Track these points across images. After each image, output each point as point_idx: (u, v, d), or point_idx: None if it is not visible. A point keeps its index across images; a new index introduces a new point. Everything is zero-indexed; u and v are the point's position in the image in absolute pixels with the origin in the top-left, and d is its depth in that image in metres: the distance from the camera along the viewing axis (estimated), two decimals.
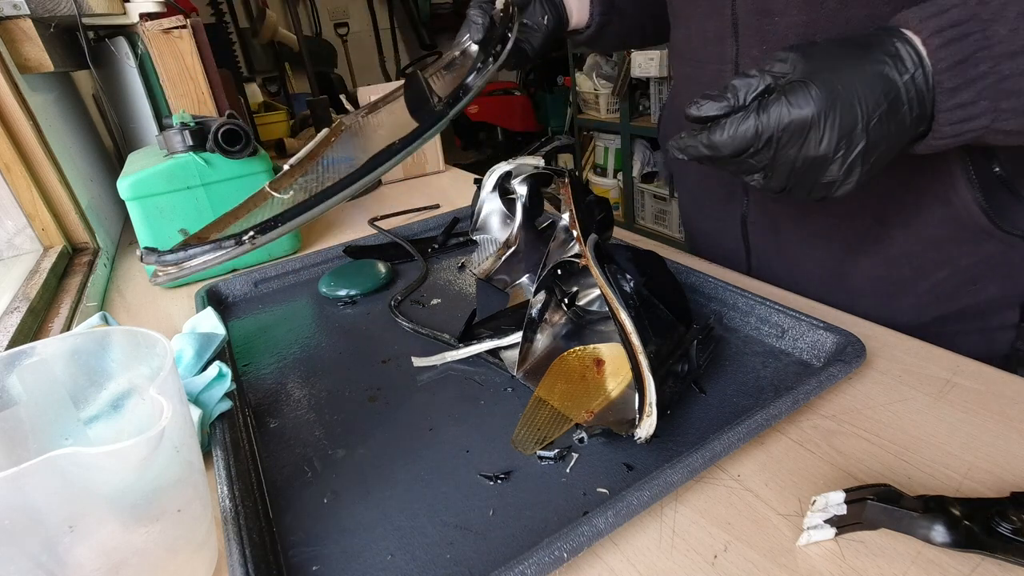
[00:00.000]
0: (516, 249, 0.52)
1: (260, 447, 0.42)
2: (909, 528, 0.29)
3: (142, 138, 0.98)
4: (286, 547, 0.33)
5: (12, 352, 0.30)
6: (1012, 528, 0.27)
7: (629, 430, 0.36)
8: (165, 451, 0.26)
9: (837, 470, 0.34)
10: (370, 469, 0.38)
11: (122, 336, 0.32)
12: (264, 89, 2.79)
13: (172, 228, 0.68)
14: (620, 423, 0.38)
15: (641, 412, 0.36)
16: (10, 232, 0.75)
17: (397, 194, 1.01)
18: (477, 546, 0.32)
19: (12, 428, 0.31)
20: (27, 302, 0.60)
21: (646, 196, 2.80)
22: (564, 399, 0.41)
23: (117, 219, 1.01)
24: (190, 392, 0.41)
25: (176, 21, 0.88)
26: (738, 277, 0.56)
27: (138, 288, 0.74)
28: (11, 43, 0.75)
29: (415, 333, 0.54)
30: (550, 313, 0.48)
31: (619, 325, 0.38)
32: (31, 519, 0.23)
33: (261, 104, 1.82)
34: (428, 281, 0.65)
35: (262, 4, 2.86)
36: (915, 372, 0.41)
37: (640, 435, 0.36)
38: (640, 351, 0.36)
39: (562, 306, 0.49)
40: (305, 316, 0.61)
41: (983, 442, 0.35)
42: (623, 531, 0.32)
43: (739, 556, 0.30)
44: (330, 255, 0.70)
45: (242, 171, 0.70)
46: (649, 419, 0.35)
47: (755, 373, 0.43)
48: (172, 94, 0.92)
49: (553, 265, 0.45)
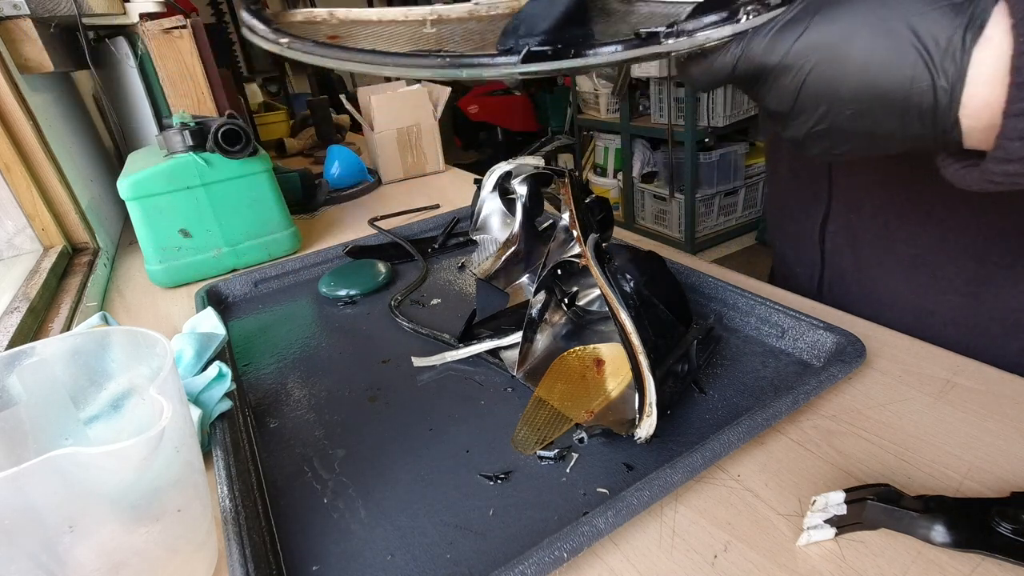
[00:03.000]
0: (516, 249, 0.52)
1: (260, 447, 0.42)
2: (909, 528, 0.29)
3: (142, 138, 0.98)
4: (286, 547, 0.33)
5: (12, 352, 0.30)
6: (1012, 528, 0.27)
7: (629, 430, 0.36)
8: (165, 451, 0.26)
9: (837, 470, 0.34)
10: (370, 469, 0.38)
11: (122, 336, 0.32)
12: (264, 89, 2.80)
13: (172, 228, 0.68)
14: (620, 423, 0.38)
15: (641, 412, 0.36)
16: (10, 232, 0.75)
17: (397, 194, 1.01)
18: (477, 546, 0.32)
19: (12, 428, 0.31)
20: (27, 302, 0.60)
21: (646, 196, 2.80)
22: (564, 399, 0.41)
23: (117, 219, 1.01)
24: (190, 392, 0.41)
25: (176, 21, 0.88)
26: (740, 278, 0.56)
27: (138, 288, 0.74)
28: (11, 43, 0.75)
29: (415, 333, 0.54)
30: (550, 313, 0.48)
31: (619, 325, 0.38)
32: (31, 519, 0.23)
33: (261, 104, 1.83)
34: (428, 281, 0.65)
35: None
36: (915, 372, 0.41)
37: (640, 435, 0.36)
38: (640, 351, 0.36)
39: (562, 306, 0.49)
40: (305, 316, 0.61)
41: (983, 442, 0.35)
42: (623, 531, 0.32)
43: (739, 556, 0.30)
44: (330, 255, 0.70)
45: (242, 171, 0.70)
46: (649, 419, 0.35)
47: (755, 373, 0.43)
48: (172, 94, 0.92)
49: (553, 265, 0.45)
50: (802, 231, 0.59)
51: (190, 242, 0.70)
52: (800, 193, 0.59)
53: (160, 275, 0.70)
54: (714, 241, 2.73)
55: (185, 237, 0.69)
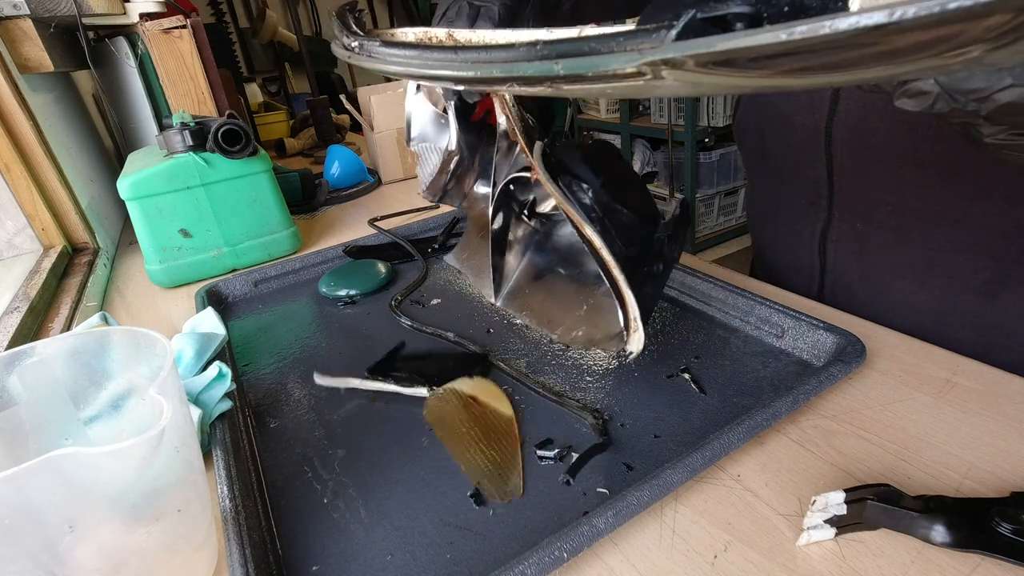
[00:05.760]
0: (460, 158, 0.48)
1: (260, 447, 0.42)
2: (909, 528, 0.29)
3: (142, 138, 0.98)
4: (286, 547, 0.33)
5: (12, 352, 0.30)
6: (1012, 528, 0.27)
7: (619, 346, 0.35)
8: (165, 451, 0.26)
9: (837, 470, 0.34)
10: (370, 469, 0.38)
11: (122, 336, 0.32)
12: (264, 89, 2.80)
13: (172, 228, 0.68)
14: (608, 339, 0.37)
15: (627, 328, 0.34)
16: (10, 232, 0.75)
17: (397, 194, 1.01)
18: (477, 546, 0.32)
19: (12, 428, 0.31)
20: (27, 302, 0.60)
21: None
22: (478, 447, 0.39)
23: (117, 219, 1.01)
24: (190, 392, 0.41)
25: (176, 21, 0.88)
26: (740, 278, 0.56)
27: (138, 288, 0.74)
28: (11, 43, 0.75)
29: (416, 332, 0.54)
30: (512, 230, 0.45)
31: (587, 242, 0.35)
32: (31, 519, 0.23)
33: (261, 104, 1.83)
34: (428, 281, 0.65)
35: (262, 4, 2.86)
36: (915, 372, 0.41)
37: (631, 350, 0.35)
38: (614, 266, 0.34)
39: (523, 219, 0.46)
40: (305, 316, 0.61)
41: (983, 442, 0.35)
42: (623, 531, 0.32)
43: (739, 556, 0.30)
44: (330, 255, 0.70)
45: (242, 171, 0.70)
46: (636, 333, 0.34)
47: (755, 373, 0.43)
48: (172, 94, 0.92)
49: (504, 182, 0.42)
50: (797, 239, 0.59)
51: (190, 242, 0.70)
52: (793, 204, 0.59)
53: (160, 275, 0.70)
54: (714, 241, 2.73)
55: (185, 237, 0.69)
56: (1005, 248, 0.45)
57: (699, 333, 0.49)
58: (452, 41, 0.33)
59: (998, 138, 0.23)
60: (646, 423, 0.39)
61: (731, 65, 0.14)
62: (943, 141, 0.44)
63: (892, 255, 0.51)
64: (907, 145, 0.46)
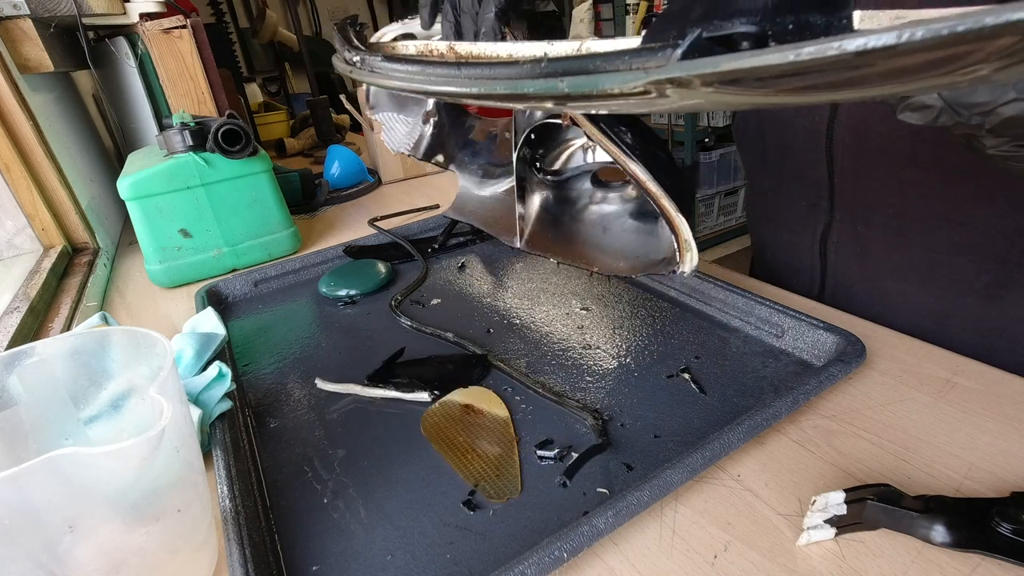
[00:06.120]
0: (440, 120, 0.49)
1: (260, 447, 0.42)
2: (909, 528, 0.29)
3: (142, 138, 0.98)
4: (286, 547, 0.33)
5: (12, 352, 0.30)
6: (1012, 528, 0.27)
7: (668, 268, 0.38)
8: (165, 451, 0.26)
9: (837, 470, 0.34)
10: (370, 469, 0.38)
11: (122, 336, 0.32)
12: (264, 89, 2.80)
13: (172, 228, 0.68)
14: (654, 264, 0.39)
15: (680, 250, 0.37)
16: (10, 232, 0.75)
17: (397, 194, 1.01)
18: (477, 546, 0.32)
19: (12, 428, 0.31)
20: (27, 302, 0.60)
21: None
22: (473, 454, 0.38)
23: (117, 219, 1.01)
24: (190, 392, 0.41)
25: (176, 21, 0.88)
26: (740, 278, 0.56)
27: (138, 288, 0.74)
28: (11, 43, 0.75)
29: (416, 332, 0.54)
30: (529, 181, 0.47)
31: (633, 177, 0.38)
32: (31, 519, 0.23)
33: (261, 104, 1.83)
34: (428, 281, 0.65)
35: (262, 4, 2.86)
36: (915, 372, 0.41)
37: (685, 269, 0.38)
38: (661, 195, 0.37)
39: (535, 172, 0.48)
40: (305, 316, 0.61)
41: (983, 442, 0.35)
42: (623, 531, 0.32)
43: (739, 556, 0.30)
44: (330, 255, 0.70)
45: (242, 171, 0.70)
46: (689, 253, 0.37)
47: (755, 373, 0.43)
48: (172, 94, 0.92)
49: (528, 130, 0.43)
50: (798, 241, 0.59)
51: (190, 242, 0.70)
52: (793, 205, 0.59)
53: (160, 275, 0.70)
54: (714, 241, 2.73)
55: (185, 237, 0.69)
56: (1007, 250, 0.45)
57: (699, 333, 0.49)
58: (454, 54, 0.33)
59: (1001, 150, 0.24)
60: (646, 423, 0.39)
61: (737, 84, 0.14)
62: (944, 143, 0.44)
63: (893, 257, 0.51)
64: (908, 147, 0.46)
